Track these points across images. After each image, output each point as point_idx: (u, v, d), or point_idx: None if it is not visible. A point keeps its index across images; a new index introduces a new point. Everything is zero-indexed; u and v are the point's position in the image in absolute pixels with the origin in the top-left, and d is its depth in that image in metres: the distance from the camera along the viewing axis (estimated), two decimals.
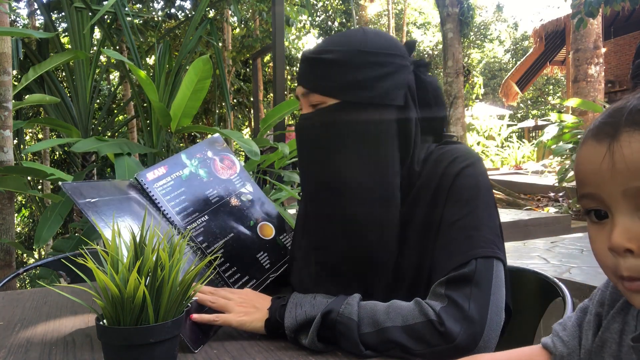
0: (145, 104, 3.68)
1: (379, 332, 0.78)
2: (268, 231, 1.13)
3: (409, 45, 0.97)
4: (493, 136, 12.97)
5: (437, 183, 0.88)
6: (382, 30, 0.99)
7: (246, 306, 0.88)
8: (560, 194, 6.04)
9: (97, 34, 5.56)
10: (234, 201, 1.12)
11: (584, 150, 0.48)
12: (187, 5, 7.07)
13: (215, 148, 1.17)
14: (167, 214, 1.02)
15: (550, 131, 5.36)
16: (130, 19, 3.96)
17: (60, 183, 0.91)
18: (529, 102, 26.37)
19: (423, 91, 0.94)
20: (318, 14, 17.72)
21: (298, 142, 0.96)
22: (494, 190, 0.93)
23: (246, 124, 14.37)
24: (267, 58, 11.99)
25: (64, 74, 4.76)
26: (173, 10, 6.92)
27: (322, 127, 0.91)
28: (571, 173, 4.97)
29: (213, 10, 8.66)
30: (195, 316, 0.85)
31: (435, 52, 23.57)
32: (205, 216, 1.06)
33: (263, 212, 1.15)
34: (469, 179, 0.87)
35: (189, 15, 6.50)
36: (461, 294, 0.79)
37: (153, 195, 1.02)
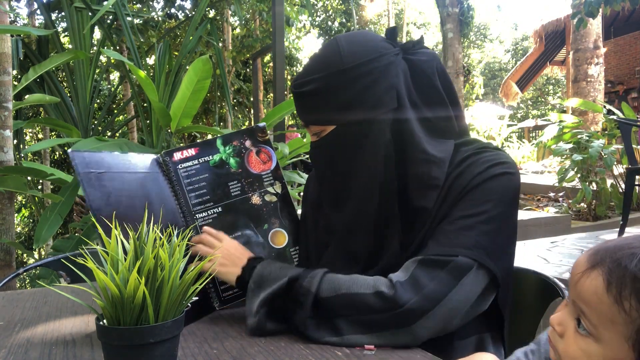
0: (145, 104, 3.68)
1: (338, 297, 0.81)
2: (280, 239, 1.06)
3: (390, 33, 0.93)
4: (493, 136, 12.94)
5: (467, 182, 0.86)
6: (356, 34, 0.94)
7: (225, 258, 0.93)
8: (560, 194, 6.03)
9: (97, 34, 5.56)
10: (256, 199, 1.06)
11: (581, 257, 0.62)
12: (187, 5, 7.07)
13: (256, 138, 1.09)
14: (181, 197, 0.99)
15: (550, 131, 5.35)
16: (130, 19, 3.96)
17: (69, 150, 0.88)
18: (529, 102, 26.36)
19: (420, 77, 0.91)
20: (318, 14, 17.72)
21: (313, 165, 1.03)
22: None
23: (246, 124, 14.37)
24: (267, 58, 11.98)
25: (64, 74, 4.76)
26: (173, 10, 6.92)
27: (328, 152, 0.95)
28: (571, 173, 4.96)
29: (213, 10, 8.66)
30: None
31: (435, 52, 23.55)
32: (219, 208, 1.01)
33: (283, 218, 1.07)
34: (498, 186, 0.85)
35: (189, 15, 6.50)
36: (427, 274, 0.79)
37: (173, 176, 1.00)
